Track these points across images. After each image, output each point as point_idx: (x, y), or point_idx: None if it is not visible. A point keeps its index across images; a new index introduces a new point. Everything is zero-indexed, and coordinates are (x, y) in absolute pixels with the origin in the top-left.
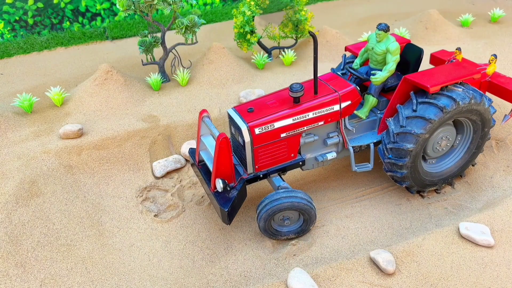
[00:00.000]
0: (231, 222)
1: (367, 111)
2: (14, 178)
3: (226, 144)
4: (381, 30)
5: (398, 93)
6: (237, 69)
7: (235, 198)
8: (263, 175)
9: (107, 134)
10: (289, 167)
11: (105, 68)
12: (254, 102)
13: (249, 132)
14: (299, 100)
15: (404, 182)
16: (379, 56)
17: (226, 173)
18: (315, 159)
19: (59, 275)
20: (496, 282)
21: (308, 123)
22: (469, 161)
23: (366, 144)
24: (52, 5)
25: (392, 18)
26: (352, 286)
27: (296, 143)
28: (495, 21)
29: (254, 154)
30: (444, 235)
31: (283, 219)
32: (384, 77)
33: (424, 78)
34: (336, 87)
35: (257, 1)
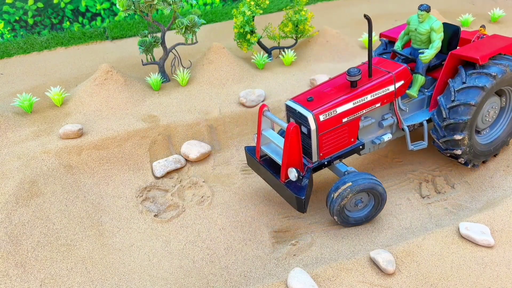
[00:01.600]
0: (306, 211)
1: (417, 90)
2: (14, 178)
3: (296, 132)
4: (423, 11)
5: (446, 68)
6: (237, 69)
7: (307, 186)
8: (327, 162)
9: (107, 134)
10: (350, 152)
11: (105, 68)
12: (311, 92)
13: (314, 119)
14: (356, 84)
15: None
16: (423, 35)
17: (297, 161)
18: (372, 143)
19: (59, 275)
20: (496, 282)
21: (366, 106)
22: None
23: (419, 123)
24: (52, 5)
25: (392, 18)
26: (352, 286)
27: (356, 128)
28: (495, 21)
29: (319, 142)
30: (444, 235)
31: (355, 203)
32: (432, 55)
33: (470, 51)
34: (388, 68)
35: (257, 1)
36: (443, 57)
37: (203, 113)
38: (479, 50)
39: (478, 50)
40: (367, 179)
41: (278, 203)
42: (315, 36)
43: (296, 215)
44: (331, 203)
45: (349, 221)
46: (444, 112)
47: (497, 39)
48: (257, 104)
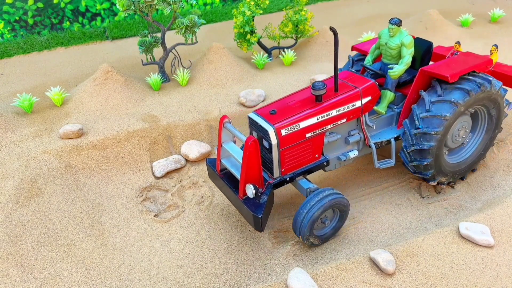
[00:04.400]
0: (263, 229)
1: (385, 106)
2: (14, 178)
3: (255, 147)
4: (394, 25)
5: (416, 85)
6: (237, 69)
7: (266, 203)
8: (290, 179)
9: (107, 134)
10: (314, 168)
11: (105, 68)
12: (275, 104)
13: (275, 134)
14: (322, 99)
15: (427, 172)
16: (393, 50)
17: (255, 178)
18: (337, 159)
19: (59, 275)
20: (496, 282)
21: (331, 121)
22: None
23: (386, 140)
24: (52, 5)
25: None
26: (352, 286)
27: (320, 143)
28: (495, 21)
29: (280, 157)
30: (444, 235)
31: (323, 221)
32: (401, 71)
33: (441, 69)
34: (356, 83)
35: (257, 1)
36: (415, 73)
37: (203, 113)
38: (450, 68)
39: (449, 68)
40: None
41: (278, 203)
42: (315, 36)
43: None
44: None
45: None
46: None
47: (470, 57)
48: (257, 104)
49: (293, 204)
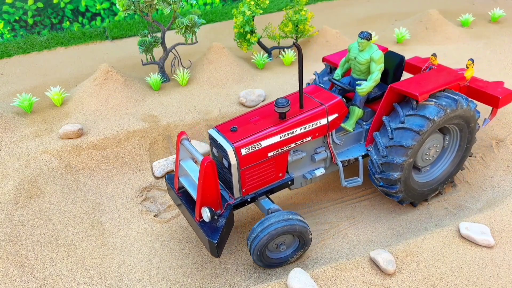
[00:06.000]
0: (220, 254)
1: (353, 123)
2: (14, 178)
3: (211, 168)
4: (363, 39)
5: (385, 102)
6: (237, 69)
7: (223, 227)
8: (251, 199)
9: (107, 134)
10: (278, 187)
11: (105, 68)
12: (237, 120)
13: (235, 153)
14: (285, 116)
15: (394, 187)
16: (362, 65)
17: (212, 200)
18: (303, 177)
19: (59, 275)
20: (496, 282)
21: (296, 139)
22: (458, 167)
23: (354, 158)
24: (52, 5)
25: (392, 18)
26: (352, 286)
27: (284, 162)
28: (495, 21)
29: (241, 177)
30: (444, 235)
31: (278, 246)
32: (370, 87)
33: (411, 86)
34: (322, 99)
35: (257, 1)
36: (386, 88)
37: (203, 113)
38: (420, 85)
39: (419, 85)
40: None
41: (278, 203)
42: (315, 36)
43: None
44: (249, 247)
45: (272, 262)
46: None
47: (445, 72)
48: (257, 104)
49: (293, 204)
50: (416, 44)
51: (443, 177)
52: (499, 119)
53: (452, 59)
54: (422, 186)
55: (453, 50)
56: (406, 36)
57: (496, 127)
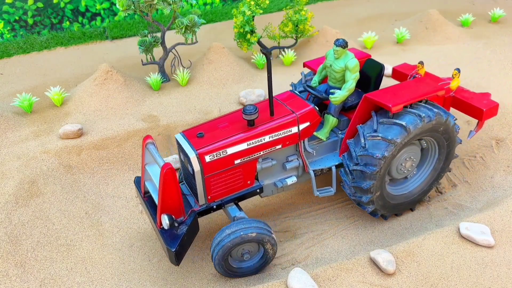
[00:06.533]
0: (180, 262)
1: (328, 132)
2: (14, 178)
3: (171, 175)
4: (339, 46)
5: (359, 112)
6: (237, 69)
7: (184, 235)
8: (217, 206)
9: (107, 134)
10: (246, 195)
11: (105, 68)
12: (205, 126)
13: (198, 160)
14: (254, 123)
15: (366, 196)
16: (337, 73)
17: (173, 207)
18: (274, 185)
19: (59, 275)
20: (496, 282)
21: (264, 147)
22: (435, 181)
23: (327, 167)
24: (52, 5)
25: (392, 18)
26: (352, 286)
27: (252, 170)
28: (495, 21)
29: (205, 184)
30: (444, 235)
31: (242, 254)
32: (343, 96)
33: (385, 96)
34: (294, 107)
35: (257, 1)
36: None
37: (203, 113)
38: (395, 96)
39: (394, 96)
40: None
41: (278, 204)
42: (315, 36)
43: (296, 215)
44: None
45: (236, 272)
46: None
47: (424, 83)
48: None
49: (293, 204)
50: (416, 44)
51: (418, 192)
52: (499, 119)
53: (452, 59)
54: (396, 199)
55: (453, 50)
56: (406, 36)
57: (496, 127)
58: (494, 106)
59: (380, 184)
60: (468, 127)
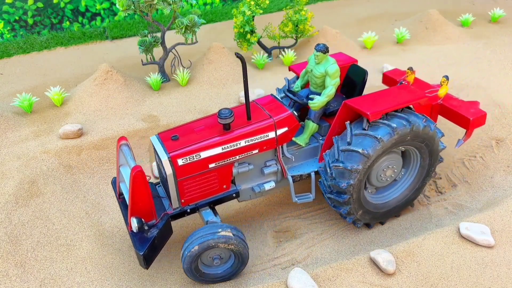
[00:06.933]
0: (149, 266)
1: (307, 138)
2: (14, 178)
3: (140, 177)
4: (319, 52)
5: (338, 119)
6: (237, 69)
7: (154, 238)
8: (191, 210)
9: (107, 134)
10: (222, 199)
11: (105, 68)
12: (181, 128)
13: (170, 163)
14: (230, 127)
15: (344, 208)
16: (318, 79)
17: (143, 210)
18: (251, 190)
19: (59, 275)
20: (496, 282)
21: (240, 151)
22: (418, 190)
23: (306, 173)
24: (52, 5)
25: (392, 18)
26: (352, 286)
27: (228, 174)
28: (495, 21)
29: (178, 187)
30: (444, 235)
31: (212, 259)
32: (322, 102)
33: (365, 104)
34: (272, 112)
35: (257, 1)
36: None
37: (203, 113)
38: (374, 104)
39: (373, 104)
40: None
41: (278, 204)
42: (315, 36)
43: (296, 215)
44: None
45: (206, 277)
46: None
47: (407, 90)
48: None
49: (293, 204)
50: (416, 44)
51: (401, 200)
52: (499, 119)
53: (452, 59)
54: (377, 208)
55: (453, 50)
56: (406, 36)
57: (496, 127)
58: (481, 115)
59: (358, 196)
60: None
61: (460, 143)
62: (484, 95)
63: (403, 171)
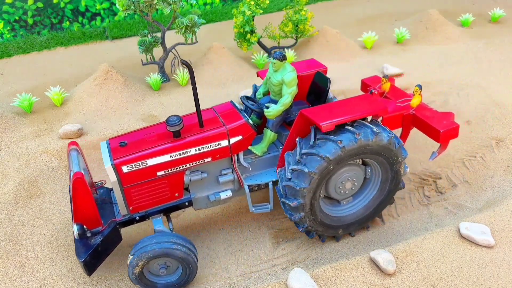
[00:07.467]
0: (91, 273)
1: (265, 147)
2: (14, 178)
3: (80, 184)
4: (275, 59)
5: (295, 128)
6: (237, 69)
7: (98, 245)
8: (140, 217)
9: (107, 134)
10: (174, 207)
11: (105, 68)
12: (131, 135)
13: (114, 170)
14: (180, 134)
15: (296, 215)
16: (275, 87)
17: (86, 217)
18: (207, 198)
19: (59, 275)
20: (497, 282)
21: (191, 160)
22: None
23: (264, 183)
24: (52, 5)
25: (392, 18)
26: (352, 286)
27: (179, 182)
28: (495, 21)
29: (125, 195)
30: (444, 235)
31: (158, 267)
32: (277, 111)
33: (320, 114)
34: (226, 120)
35: (257, 0)
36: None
37: None
38: (330, 114)
39: (330, 113)
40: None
41: (278, 204)
42: (315, 36)
43: None
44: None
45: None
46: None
47: (370, 101)
48: None
49: None
50: (416, 44)
51: (357, 218)
52: (499, 119)
53: (452, 59)
54: (333, 220)
55: (453, 50)
56: (406, 36)
57: (496, 127)
58: (453, 127)
59: (312, 203)
60: (468, 127)
61: (434, 156)
62: (484, 95)
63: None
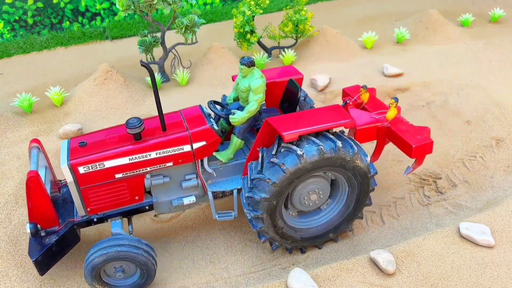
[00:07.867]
0: (44, 272)
1: (232, 153)
2: (14, 178)
3: (35, 183)
4: (243, 65)
5: (261, 135)
6: (237, 69)
7: (52, 245)
8: (98, 219)
9: None
10: (134, 211)
11: (104, 68)
12: (93, 135)
13: (71, 170)
14: (141, 137)
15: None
16: (243, 93)
17: (42, 216)
18: (170, 203)
19: (59, 275)
20: (497, 282)
21: (151, 163)
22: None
23: (229, 190)
24: (52, 5)
25: (392, 18)
26: (352, 286)
27: (139, 185)
28: (495, 21)
29: (82, 196)
30: (444, 235)
31: (115, 271)
32: (243, 118)
33: (285, 123)
34: (191, 124)
35: (257, 0)
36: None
37: None
38: (295, 124)
39: (295, 123)
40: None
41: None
42: (315, 36)
43: None
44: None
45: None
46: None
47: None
48: None
49: None
50: (416, 44)
51: (327, 228)
52: (499, 119)
53: (452, 59)
54: (298, 232)
55: (453, 50)
56: (406, 36)
57: (496, 127)
58: (427, 143)
59: (272, 214)
60: (468, 127)
61: (409, 171)
62: (484, 95)
63: (329, 201)
